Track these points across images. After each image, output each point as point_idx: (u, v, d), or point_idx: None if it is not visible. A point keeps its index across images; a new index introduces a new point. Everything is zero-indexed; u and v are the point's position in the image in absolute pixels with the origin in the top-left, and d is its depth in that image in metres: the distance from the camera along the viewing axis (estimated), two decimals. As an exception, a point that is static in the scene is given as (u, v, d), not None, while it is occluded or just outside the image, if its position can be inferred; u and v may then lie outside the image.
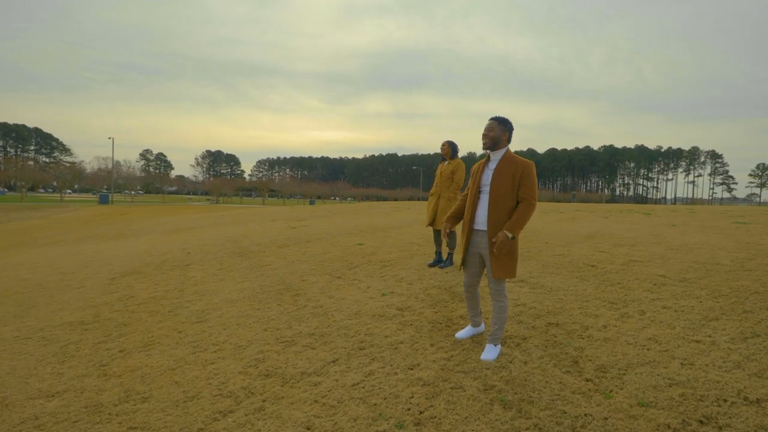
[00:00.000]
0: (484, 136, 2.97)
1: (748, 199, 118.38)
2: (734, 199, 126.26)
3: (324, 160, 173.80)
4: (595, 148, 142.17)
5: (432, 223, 5.58)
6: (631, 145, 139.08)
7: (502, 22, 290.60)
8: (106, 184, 77.60)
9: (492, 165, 2.97)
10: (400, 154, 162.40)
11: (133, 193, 79.37)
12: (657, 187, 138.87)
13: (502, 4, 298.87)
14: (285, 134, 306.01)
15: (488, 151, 3.01)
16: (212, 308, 4.52)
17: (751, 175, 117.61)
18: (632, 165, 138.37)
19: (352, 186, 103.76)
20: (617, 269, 4.90)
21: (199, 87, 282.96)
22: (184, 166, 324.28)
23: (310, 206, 32.05)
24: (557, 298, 4.05)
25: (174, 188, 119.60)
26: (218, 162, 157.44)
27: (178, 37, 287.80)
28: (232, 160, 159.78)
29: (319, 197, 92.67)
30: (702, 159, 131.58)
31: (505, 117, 2.98)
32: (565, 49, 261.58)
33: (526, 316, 3.65)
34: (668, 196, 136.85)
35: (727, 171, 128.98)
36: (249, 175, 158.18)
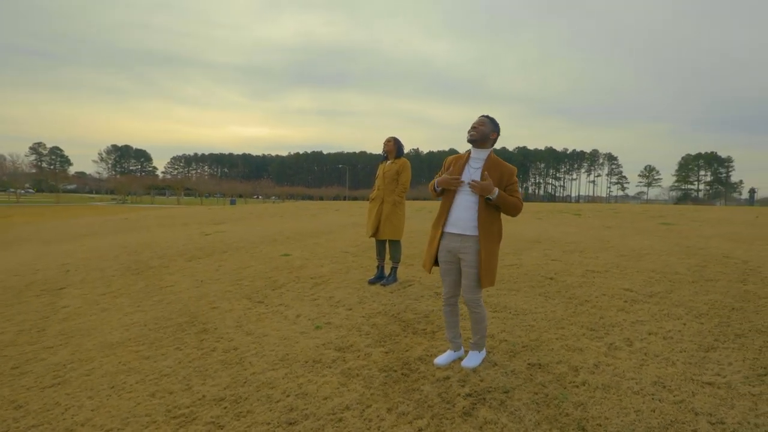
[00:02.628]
0: (474, 128, 2.67)
1: (637, 197, 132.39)
2: (626, 197, 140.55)
3: (246, 157, 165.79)
4: (510, 149, 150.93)
5: (375, 234, 4.74)
6: (541, 146, 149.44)
7: (424, 24, 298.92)
8: (-17, 182, 67.06)
9: (476, 164, 2.68)
10: (325, 152, 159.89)
11: (20, 191, 69.41)
12: (564, 186, 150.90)
13: (423, 7, 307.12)
14: (203, 129, 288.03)
15: (471, 146, 2.72)
16: (80, 359, 3.29)
17: (640, 175, 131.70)
18: (543, 165, 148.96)
19: (276, 184, 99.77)
20: (579, 282, 4.42)
21: (101, 75, 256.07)
22: (85, 161, 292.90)
23: (231, 206, 29.82)
24: (528, 325, 3.41)
25: (73, 186, 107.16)
26: (126, 158, 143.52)
27: (75, 18, 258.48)
28: (142, 156, 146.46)
29: (240, 196, 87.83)
30: (601, 160, 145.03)
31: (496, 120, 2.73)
32: (482, 53, 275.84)
33: (499, 354, 2.94)
34: (573, 194, 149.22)
35: (621, 172, 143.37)
36: (162, 172, 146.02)
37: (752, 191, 63.10)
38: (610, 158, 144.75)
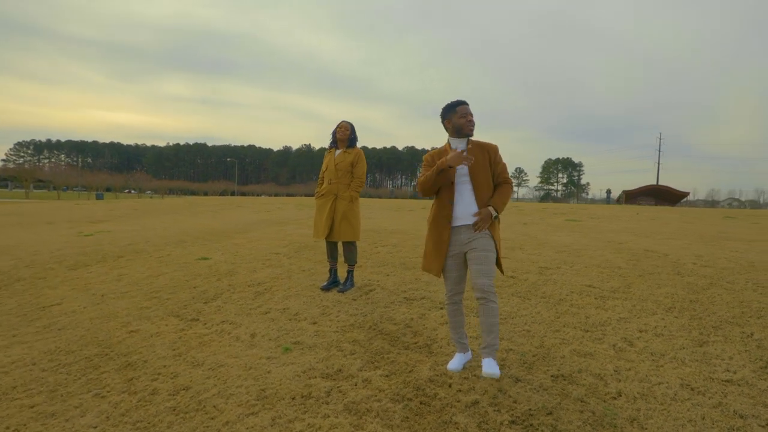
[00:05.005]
0: (470, 121, 2.59)
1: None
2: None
3: (114, 146, 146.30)
4: (400, 148, 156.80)
5: (329, 235, 4.15)
6: (428, 146, 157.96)
7: (310, 17, 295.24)
8: None
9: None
10: (210, 144, 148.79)
11: None
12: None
13: (309, 0, 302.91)
14: (56, 111, 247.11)
15: (450, 137, 2.65)
16: (-65, 426, 2.20)
17: (512, 176, 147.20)
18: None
19: (152, 177, 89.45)
20: (541, 280, 4.38)
21: None
22: None
23: (102, 202, 25.93)
24: (524, 330, 3.18)
25: None
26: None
27: None
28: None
29: (108, 190, 76.99)
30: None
31: None
32: (370, 53, 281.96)
33: (515, 367, 2.65)
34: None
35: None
36: (3, 160, 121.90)
37: (608, 192, 75.12)
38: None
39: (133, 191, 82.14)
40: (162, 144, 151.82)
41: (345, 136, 4.24)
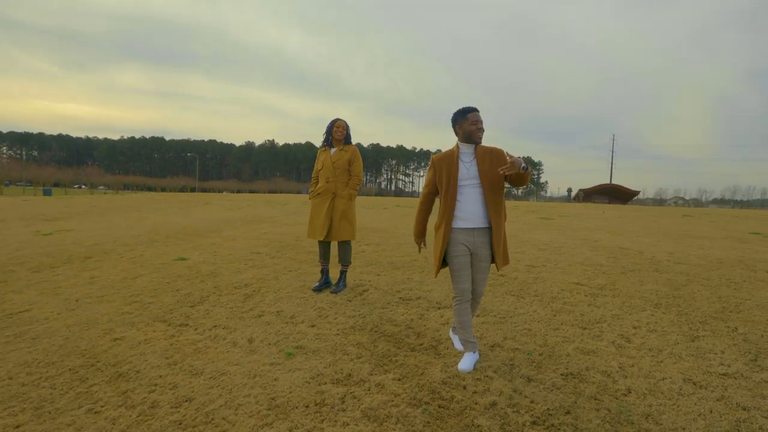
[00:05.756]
0: (480, 128, 2.67)
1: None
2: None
3: (63, 139, 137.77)
4: (365, 145, 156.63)
5: (327, 235, 4.05)
6: (393, 144, 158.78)
7: (273, 11, 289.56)
8: None
9: (468, 158, 2.69)
10: (168, 138, 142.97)
11: None
12: (412, 182, 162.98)
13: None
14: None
15: (459, 142, 2.73)
16: None
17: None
18: (394, 162, 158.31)
19: (105, 172, 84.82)
20: (530, 278, 4.46)
21: None
22: None
23: (48, 197, 24.39)
24: (525, 329, 3.22)
25: None
26: None
27: None
28: None
29: (56, 185, 72.47)
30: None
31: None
32: (334, 49, 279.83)
33: (525, 366, 2.67)
34: (418, 190, 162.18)
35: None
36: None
37: (569, 190, 78.66)
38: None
39: (84, 186, 77.68)
40: (116, 137, 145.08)
41: (342, 135, 4.17)
